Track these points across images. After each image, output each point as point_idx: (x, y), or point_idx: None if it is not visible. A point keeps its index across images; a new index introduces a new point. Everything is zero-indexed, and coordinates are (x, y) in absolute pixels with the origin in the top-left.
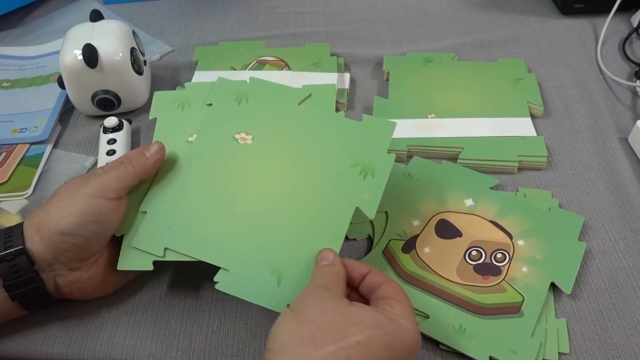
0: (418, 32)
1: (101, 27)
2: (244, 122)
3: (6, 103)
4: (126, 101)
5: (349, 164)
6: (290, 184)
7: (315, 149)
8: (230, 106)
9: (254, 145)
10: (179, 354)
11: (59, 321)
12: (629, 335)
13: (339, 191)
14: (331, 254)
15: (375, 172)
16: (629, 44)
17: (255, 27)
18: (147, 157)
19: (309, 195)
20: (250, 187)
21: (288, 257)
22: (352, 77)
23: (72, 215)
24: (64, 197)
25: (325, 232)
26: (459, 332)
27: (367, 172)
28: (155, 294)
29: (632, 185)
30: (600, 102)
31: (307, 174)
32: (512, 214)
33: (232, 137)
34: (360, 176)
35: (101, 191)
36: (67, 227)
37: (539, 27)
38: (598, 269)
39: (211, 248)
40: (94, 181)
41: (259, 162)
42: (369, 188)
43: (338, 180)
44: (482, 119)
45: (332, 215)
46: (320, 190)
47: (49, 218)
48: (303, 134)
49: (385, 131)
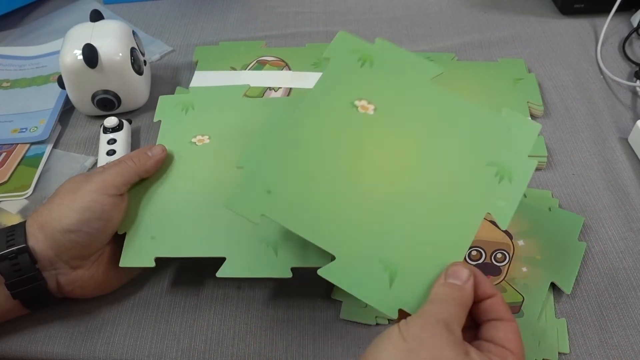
0: (418, 32)
1: (101, 27)
2: (367, 88)
3: (6, 103)
4: (126, 101)
5: (484, 162)
6: (414, 171)
7: (447, 136)
8: (352, 67)
9: (376, 117)
10: (179, 354)
11: (59, 321)
12: (629, 335)
13: (470, 191)
14: (466, 273)
15: (513, 177)
16: (629, 44)
17: (255, 27)
18: (149, 155)
19: (434, 188)
20: (368, 167)
21: (404, 255)
22: None
23: (74, 212)
24: (66, 195)
25: (450, 235)
26: None
27: (503, 175)
28: (155, 293)
29: (632, 185)
30: (600, 102)
31: (434, 163)
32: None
33: (351, 104)
34: (495, 178)
35: (103, 187)
36: (70, 224)
37: (539, 27)
38: (598, 269)
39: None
40: (95, 178)
41: (381, 139)
42: (504, 194)
43: (470, 178)
44: None
45: (460, 216)
46: (449, 185)
47: (52, 215)
48: (434, 115)
49: (529, 131)
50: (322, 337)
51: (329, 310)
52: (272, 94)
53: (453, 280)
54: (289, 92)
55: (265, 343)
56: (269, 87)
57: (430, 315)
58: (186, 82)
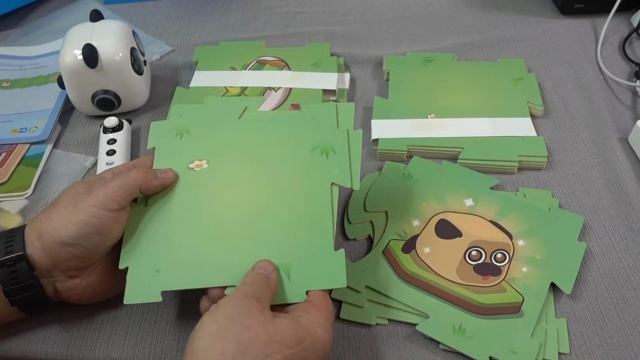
0: (418, 32)
1: (101, 27)
2: (193, 151)
3: (6, 103)
4: (126, 101)
5: (308, 150)
6: (261, 187)
7: (271, 148)
8: (174, 142)
9: (212, 168)
10: (179, 354)
11: (59, 321)
12: (629, 335)
13: (310, 176)
14: (271, 266)
15: (336, 148)
16: (629, 44)
17: (255, 27)
18: (156, 175)
19: (282, 190)
20: (226, 204)
21: (288, 252)
22: (352, 77)
23: (73, 225)
24: (66, 206)
25: (313, 214)
26: (459, 332)
27: (327, 151)
28: None
29: (632, 185)
30: (600, 102)
31: (272, 173)
32: (512, 214)
33: (188, 168)
34: (322, 156)
35: (104, 202)
36: (68, 237)
37: (539, 27)
38: (598, 269)
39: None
40: (97, 191)
41: (225, 179)
42: (335, 163)
43: (304, 167)
44: (482, 119)
45: (314, 198)
46: (291, 179)
47: (51, 226)
48: (253, 140)
49: (328, 112)
50: None
51: None
52: (272, 94)
53: (260, 271)
54: (289, 92)
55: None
56: (269, 87)
57: (238, 292)
58: (186, 82)
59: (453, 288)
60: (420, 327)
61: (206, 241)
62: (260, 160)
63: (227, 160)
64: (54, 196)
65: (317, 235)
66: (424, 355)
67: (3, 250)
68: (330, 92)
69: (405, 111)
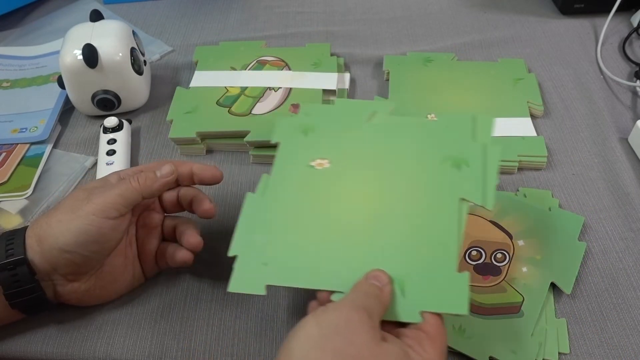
0: (418, 32)
1: (101, 27)
2: (317, 149)
3: (6, 103)
4: (126, 101)
5: (438, 161)
6: (384, 195)
7: (396, 155)
8: (299, 138)
9: (333, 168)
10: (179, 354)
11: (59, 321)
12: (629, 335)
13: (438, 188)
14: (385, 277)
15: (470, 162)
16: (629, 44)
17: (255, 27)
18: (156, 177)
19: (407, 199)
20: (344, 206)
21: (404, 265)
22: (352, 77)
23: (71, 232)
24: (65, 212)
25: (437, 230)
26: (459, 332)
27: (460, 164)
28: (155, 294)
29: (632, 185)
30: (600, 102)
31: (396, 180)
32: (512, 214)
33: (308, 165)
34: (453, 169)
35: (102, 210)
36: (66, 244)
37: (539, 27)
38: (598, 269)
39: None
40: (96, 199)
41: (344, 182)
42: (467, 177)
43: (432, 178)
44: None
45: (439, 212)
46: (418, 191)
47: (50, 232)
48: (380, 145)
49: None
50: None
51: None
52: (272, 93)
53: (374, 281)
54: (289, 92)
55: (265, 343)
56: (269, 87)
57: (349, 301)
58: (186, 82)
59: None
60: None
61: (318, 241)
62: (384, 166)
63: (350, 162)
64: (54, 196)
65: (439, 251)
66: None
67: (4, 252)
68: (330, 92)
69: (405, 111)
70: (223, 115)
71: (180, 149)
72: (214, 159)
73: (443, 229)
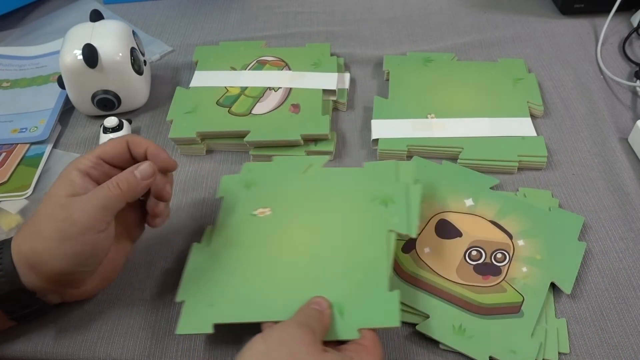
0: (418, 32)
1: (101, 27)
2: (258, 200)
3: (6, 103)
4: (126, 101)
5: (368, 201)
6: (320, 232)
7: (331, 198)
8: (241, 193)
9: (275, 215)
10: (179, 353)
11: (59, 321)
12: (629, 335)
13: (369, 223)
14: (325, 303)
15: (395, 199)
16: (629, 44)
17: (255, 27)
18: (138, 179)
19: (340, 235)
20: (285, 247)
21: (342, 291)
22: (352, 77)
23: (66, 257)
24: (52, 240)
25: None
26: (459, 332)
27: (386, 201)
28: (155, 293)
29: (632, 185)
30: (600, 102)
31: (332, 219)
32: (512, 214)
33: (251, 214)
34: (381, 206)
35: (90, 228)
36: (63, 269)
37: (539, 27)
38: (598, 269)
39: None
40: (81, 217)
41: (286, 225)
42: (394, 212)
43: (364, 215)
44: (481, 119)
45: (371, 243)
46: (350, 226)
47: (41, 259)
48: (315, 191)
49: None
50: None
51: None
52: (272, 93)
53: (315, 306)
54: (289, 92)
55: None
56: (269, 87)
57: (292, 320)
58: (186, 82)
59: (453, 288)
60: (420, 327)
61: (262, 279)
62: (320, 208)
63: (289, 208)
64: None
65: (372, 275)
66: (424, 355)
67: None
68: (330, 92)
69: (405, 111)
70: (223, 115)
71: (180, 149)
72: (214, 159)
73: (374, 256)
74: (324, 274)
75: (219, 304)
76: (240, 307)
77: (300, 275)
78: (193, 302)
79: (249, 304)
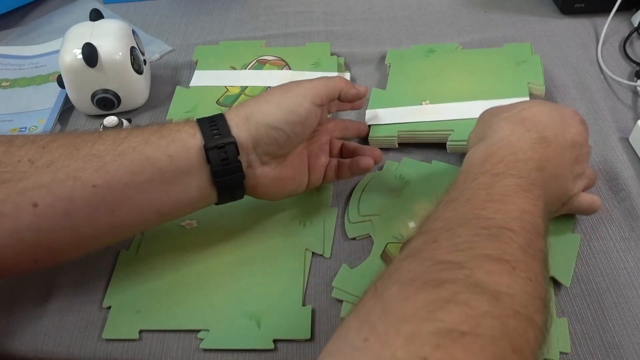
0: (418, 32)
1: (101, 27)
2: None
3: (6, 103)
4: (126, 100)
5: (289, 220)
6: (242, 246)
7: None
8: None
9: (200, 227)
10: (179, 353)
11: (59, 321)
12: (630, 335)
13: (288, 241)
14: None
15: (312, 220)
16: (629, 44)
17: (255, 27)
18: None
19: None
20: (208, 258)
21: (260, 303)
22: (353, 77)
23: (282, 111)
24: (275, 94)
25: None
26: None
27: (305, 222)
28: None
29: (633, 185)
30: (601, 102)
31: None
32: None
33: (179, 225)
34: (300, 225)
35: (311, 94)
36: (275, 121)
37: (540, 27)
38: (599, 269)
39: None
40: (306, 84)
41: (212, 237)
42: (311, 232)
43: (284, 234)
44: (476, 101)
45: (288, 260)
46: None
47: (260, 110)
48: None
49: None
50: (324, 336)
51: (329, 309)
52: None
53: None
54: None
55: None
56: (269, 87)
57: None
58: (186, 81)
59: None
60: None
61: (187, 288)
62: (245, 225)
63: (216, 222)
64: None
65: (287, 291)
66: None
67: (210, 134)
68: None
69: (400, 100)
70: None
71: None
72: None
73: (291, 273)
74: (244, 286)
75: (145, 310)
76: (166, 315)
77: (221, 286)
78: (119, 308)
79: (174, 312)
